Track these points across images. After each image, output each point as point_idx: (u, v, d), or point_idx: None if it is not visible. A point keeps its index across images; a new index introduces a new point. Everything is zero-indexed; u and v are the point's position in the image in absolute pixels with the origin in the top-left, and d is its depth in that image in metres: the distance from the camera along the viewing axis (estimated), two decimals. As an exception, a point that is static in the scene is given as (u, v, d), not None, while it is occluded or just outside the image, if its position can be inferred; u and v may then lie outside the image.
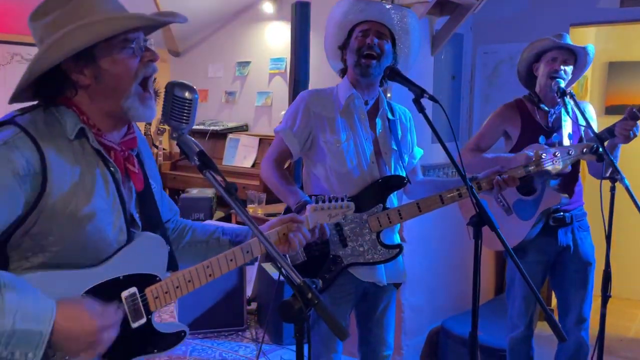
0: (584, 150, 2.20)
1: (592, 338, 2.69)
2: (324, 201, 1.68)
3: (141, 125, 5.49)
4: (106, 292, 1.27)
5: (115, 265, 1.29)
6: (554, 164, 2.17)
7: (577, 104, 2.47)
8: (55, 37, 1.19)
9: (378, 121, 2.24)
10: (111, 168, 1.30)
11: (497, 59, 4.17)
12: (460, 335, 3.40)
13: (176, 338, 1.42)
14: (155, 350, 1.38)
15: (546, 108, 2.62)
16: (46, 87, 1.26)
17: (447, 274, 3.87)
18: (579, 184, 2.68)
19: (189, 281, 1.40)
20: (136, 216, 1.38)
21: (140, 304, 1.33)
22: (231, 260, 1.46)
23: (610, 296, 2.38)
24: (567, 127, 2.60)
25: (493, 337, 3.23)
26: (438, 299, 3.79)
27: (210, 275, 1.43)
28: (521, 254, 2.59)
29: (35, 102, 1.28)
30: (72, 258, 1.24)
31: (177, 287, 1.38)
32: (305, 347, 1.27)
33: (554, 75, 2.52)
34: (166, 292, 1.37)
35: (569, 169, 2.25)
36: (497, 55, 4.16)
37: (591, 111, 2.65)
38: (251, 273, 4.28)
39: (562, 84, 2.49)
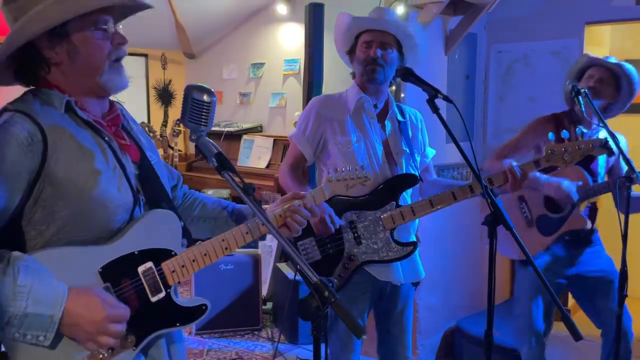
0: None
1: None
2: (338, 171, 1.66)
3: (157, 127, 5.55)
4: (122, 267, 1.31)
5: (129, 241, 1.32)
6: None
7: (592, 103, 2.46)
8: (30, 14, 1.25)
9: (387, 123, 2.27)
10: (105, 138, 1.34)
11: (511, 58, 4.16)
12: (475, 335, 3.39)
13: (198, 312, 1.43)
14: (177, 324, 1.40)
15: (583, 129, 2.54)
16: (22, 66, 1.31)
17: (462, 273, 3.87)
18: None
19: (205, 254, 1.41)
20: (140, 189, 1.39)
21: (158, 278, 1.36)
22: (247, 232, 1.46)
23: (626, 295, 2.37)
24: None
25: (509, 337, 3.22)
26: (453, 299, 3.79)
27: (226, 248, 1.44)
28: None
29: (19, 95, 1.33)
30: (83, 224, 1.27)
31: (194, 261, 1.40)
32: (322, 345, 1.29)
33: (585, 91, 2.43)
34: (183, 266, 1.39)
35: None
36: (512, 54, 4.14)
37: None
38: (266, 273, 4.31)
39: (579, 85, 2.46)
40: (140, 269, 1.34)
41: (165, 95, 5.76)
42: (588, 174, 2.51)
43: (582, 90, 2.39)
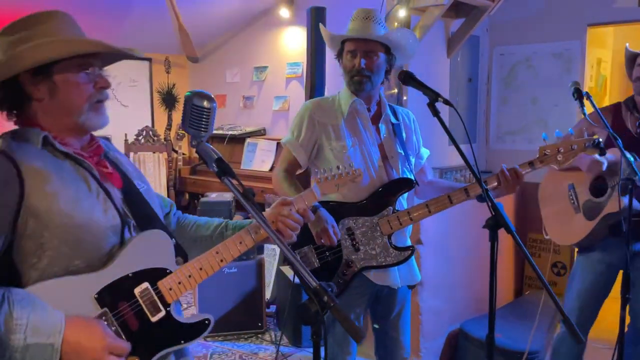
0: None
1: (612, 342, 2.67)
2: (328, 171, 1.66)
3: (161, 131, 5.58)
4: (118, 291, 1.31)
5: (122, 263, 1.32)
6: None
7: (593, 105, 2.46)
8: (17, 51, 1.27)
9: (382, 126, 2.26)
10: (86, 167, 1.34)
11: (513, 61, 4.16)
12: (479, 337, 3.38)
13: (201, 327, 1.42)
14: (182, 341, 1.39)
15: (638, 115, 2.54)
16: (5, 96, 1.32)
17: (466, 276, 3.86)
18: None
19: (201, 269, 1.42)
20: (128, 213, 1.40)
21: (155, 297, 1.35)
22: (240, 242, 1.47)
23: (630, 298, 2.36)
24: None
25: (512, 339, 3.22)
26: (456, 302, 3.78)
27: (221, 260, 1.44)
28: (586, 250, 2.65)
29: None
30: (74, 251, 1.27)
31: (190, 277, 1.40)
32: (322, 349, 1.30)
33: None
34: (179, 283, 1.39)
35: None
36: (514, 56, 4.15)
37: None
38: (270, 276, 4.32)
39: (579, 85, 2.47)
40: (137, 290, 1.33)
41: (169, 99, 5.79)
42: None
43: (583, 93, 2.40)
